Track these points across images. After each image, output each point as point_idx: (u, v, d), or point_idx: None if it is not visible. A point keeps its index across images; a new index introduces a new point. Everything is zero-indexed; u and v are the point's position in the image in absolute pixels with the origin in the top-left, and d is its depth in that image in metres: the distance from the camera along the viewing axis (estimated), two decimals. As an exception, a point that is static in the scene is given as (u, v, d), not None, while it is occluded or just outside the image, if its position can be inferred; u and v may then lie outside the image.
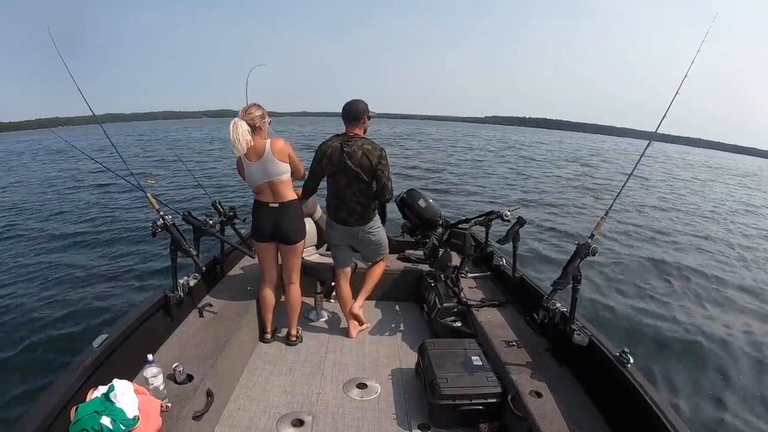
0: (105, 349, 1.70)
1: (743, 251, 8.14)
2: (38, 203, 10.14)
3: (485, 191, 12.34)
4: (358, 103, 2.55)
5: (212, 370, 1.92)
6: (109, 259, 6.08)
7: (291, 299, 2.63)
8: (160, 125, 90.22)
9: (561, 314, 2.09)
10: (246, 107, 2.27)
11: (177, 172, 13.63)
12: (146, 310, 2.02)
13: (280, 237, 2.45)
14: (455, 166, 17.75)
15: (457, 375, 2.03)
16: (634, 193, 13.06)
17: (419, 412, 2.11)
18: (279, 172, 2.32)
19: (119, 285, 5.14)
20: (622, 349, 1.74)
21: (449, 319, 2.68)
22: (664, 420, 1.41)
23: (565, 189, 13.25)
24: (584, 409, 1.74)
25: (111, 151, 2.37)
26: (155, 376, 1.61)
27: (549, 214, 9.43)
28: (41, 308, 4.51)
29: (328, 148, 2.56)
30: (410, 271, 3.30)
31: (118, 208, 9.27)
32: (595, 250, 1.85)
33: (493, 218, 2.88)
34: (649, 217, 10.25)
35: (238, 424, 2.00)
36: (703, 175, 25.94)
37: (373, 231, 2.74)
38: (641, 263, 6.69)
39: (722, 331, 4.67)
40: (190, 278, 2.40)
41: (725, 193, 17.75)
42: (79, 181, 13.13)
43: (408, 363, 2.50)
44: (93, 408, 1.38)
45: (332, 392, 2.26)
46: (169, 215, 2.18)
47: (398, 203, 3.24)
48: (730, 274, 6.64)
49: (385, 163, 2.54)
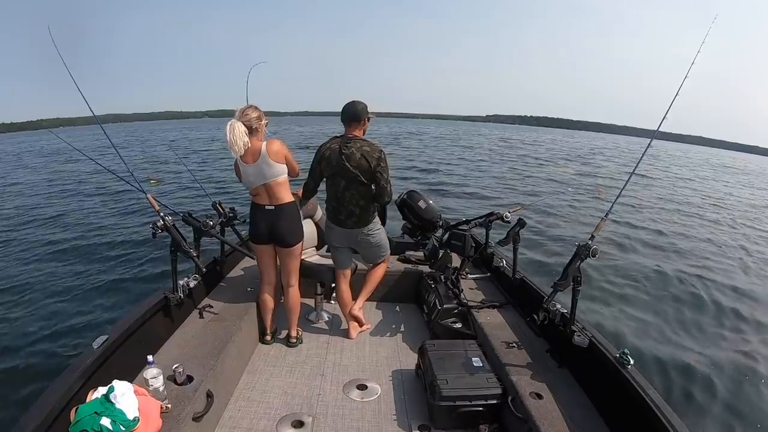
0: (105, 350, 1.70)
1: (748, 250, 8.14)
2: (38, 204, 10.15)
3: (485, 191, 12.34)
4: (357, 105, 2.53)
5: (212, 371, 1.92)
6: (109, 260, 6.08)
7: (290, 301, 2.62)
8: (160, 125, 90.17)
9: (561, 315, 2.09)
10: (243, 108, 2.25)
11: (177, 173, 13.63)
12: (146, 311, 2.03)
13: (276, 239, 2.44)
14: (455, 166, 17.75)
15: (458, 376, 2.03)
16: (637, 194, 13.05)
17: (419, 413, 2.11)
18: (275, 174, 2.31)
19: (119, 286, 5.14)
20: (622, 351, 1.74)
21: (449, 320, 2.68)
22: (664, 421, 1.41)
23: (566, 189, 13.24)
24: (584, 410, 1.74)
25: (111, 152, 2.37)
26: (155, 377, 1.61)
27: (549, 215, 9.41)
28: (41, 309, 4.51)
29: (327, 149, 2.55)
30: (410, 272, 3.30)
31: (118, 209, 9.27)
32: (595, 252, 1.85)
33: (494, 219, 2.88)
34: (655, 217, 10.24)
35: (238, 426, 2.00)
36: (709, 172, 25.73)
37: (372, 233, 2.73)
38: (641, 263, 6.69)
39: (724, 332, 4.67)
40: (190, 279, 2.40)
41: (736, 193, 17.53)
42: (79, 182, 13.13)
43: (408, 364, 2.50)
44: (93, 409, 1.38)
45: (332, 393, 2.26)
46: (170, 216, 2.18)
47: (398, 204, 3.24)
48: (737, 277, 6.64)
49: (384, 165, 2.52)
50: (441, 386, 1.97)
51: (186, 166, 9.05)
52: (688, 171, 25.56)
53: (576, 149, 35.11)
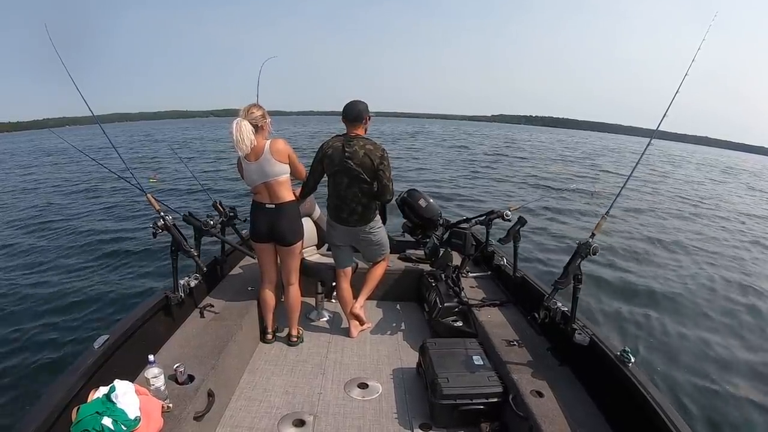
0: (106, 349, 1.70)
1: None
2: (38, 204, 10.16)
3: (485, 191, 12.32)
4: (358, 104, 2.55)
5: (213, 370, 1.93)
6: (109, 260, 6.09)
7: (290, 300, 2.63)
8: (164, 125, 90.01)
9: (562, 314, 2.09)
10: (247, 107, 2.26)
11: (177, 173, 13.64)
12: (147, 311, 2.03)
13: (277, 238, 2.45)
14: (454, 166, 17.74)
15: (459, 374, 2.03)
16: (637, 193, 13.03)
17: (420, 411, 2.11)
18: (276, 172, 2.32)
19: (120, 285, 5.14)
20: (623, 349, 1.74)
21: (450, 318, 2.68)
22: (665, 419, 1.41)
23: (567, 188, 13.22)
24: (585, 408, 1.74)
25: (112, 151, 2.37)
26: (156, 376, 1.61)
27: (550, 214, 9.41)
28: (42, 309, 4.52)
29: (330, 147, 2.56)
30: (411, 270, 3.30)
31: (118, 209, 9.28)
32: (596, 250, 1.85)
33: (494, 218, 2.88)
34: (654, 216, 10.23)
35: (240, 425, 2.00)
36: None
37: (374, 231, 2.74)
38: (641, 263, 6.69)
39: (724, 331, 4.67)
40: (190, 279, 2.40)
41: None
42: (79, 182, 13.15)
43: (409, 363, 2.50)
44: (94, 409, 1.38)
45: (333, 392, 2.27)
46: (170, 215, 2.18)
47: (399, 203, 3.25)
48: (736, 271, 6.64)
49: (386, 164, 2.54)
50: (442, 384, 1.97)
51: (186, 166, 9.05)
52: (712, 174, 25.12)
53: (576, 148, 35.07)
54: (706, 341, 4.40)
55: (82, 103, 2.21)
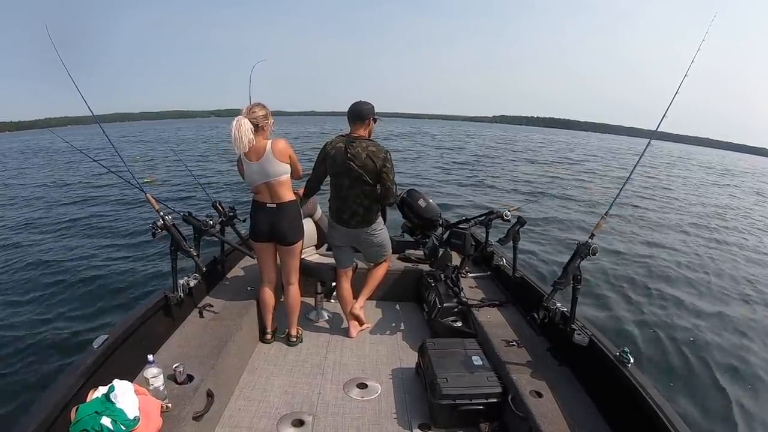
0: (105, 349, 1.70)
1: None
2: (37, 204, 10.14)
3: (485, 191, 12.32)
4: (364, 105, 2.54)
5: (213, 370, 1.93)
6: (108, 260, 6.08)
7: (290, 300, 2.62)
8: (164, 125, 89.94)
9: (561, 314, 2.09)
10: (250, 106, 2.26)
11: (178, 172, 13.63)
12: (146, 311, 2.03)
13: (277, 237, 2.45)
14: (455, 166, 17.74)
15: (458, 375, 2.03)
16: (637, 193, 13.03)
17: (420, 411, 2.11)
18: (278, 172, 2.32)
19: (119, 285, 5.13)
20: (622, 349, 1.74)
21: (449, 318, 2.69)
22: (664, 419, 1.41)
23: (566, 188, 13.22)
24: (584, 408, 1.74)
25: (111, 151, 2.36)
26: (155, 376, 1.61)
27: (550, 214, 9.42)
28: (41, 309, 4.51)
29: (332, 148, 2.55)
30: (410, 271, 3.30)
31: (118, 209, 9.26)
32: (595, 250, 1.85)
33: (494, 218, 2.88)
34: (656, 215, 10.23)
35: (239, 425, 2.00)
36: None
37: (375, 233, 2.73)
38: (641, 262, 6.68)
39: (724, 330, 4.67)
40: (190, 279, 2.40)
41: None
42: (79, 182, 13.12)
43: (408, 363, 2.50)
44: (93, 408, 1.38)
45: (333, 392, 2.27)
46: (169, 215, 2.18)
47: (398, 203, 3.25)
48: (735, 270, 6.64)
49: (390, 166, 2.52)
50: (441, 385, 1.97)
51: (186, 166, 9.04)
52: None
53: (575, 149, 35.07)
54: (706, 341, 4.40)
55: (83, 104, 2.21)
